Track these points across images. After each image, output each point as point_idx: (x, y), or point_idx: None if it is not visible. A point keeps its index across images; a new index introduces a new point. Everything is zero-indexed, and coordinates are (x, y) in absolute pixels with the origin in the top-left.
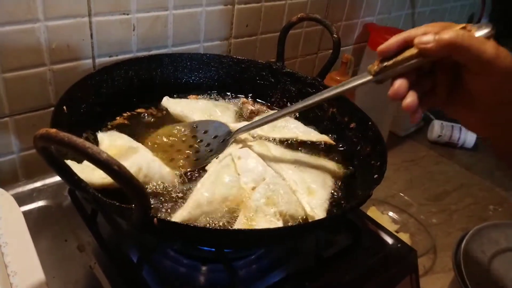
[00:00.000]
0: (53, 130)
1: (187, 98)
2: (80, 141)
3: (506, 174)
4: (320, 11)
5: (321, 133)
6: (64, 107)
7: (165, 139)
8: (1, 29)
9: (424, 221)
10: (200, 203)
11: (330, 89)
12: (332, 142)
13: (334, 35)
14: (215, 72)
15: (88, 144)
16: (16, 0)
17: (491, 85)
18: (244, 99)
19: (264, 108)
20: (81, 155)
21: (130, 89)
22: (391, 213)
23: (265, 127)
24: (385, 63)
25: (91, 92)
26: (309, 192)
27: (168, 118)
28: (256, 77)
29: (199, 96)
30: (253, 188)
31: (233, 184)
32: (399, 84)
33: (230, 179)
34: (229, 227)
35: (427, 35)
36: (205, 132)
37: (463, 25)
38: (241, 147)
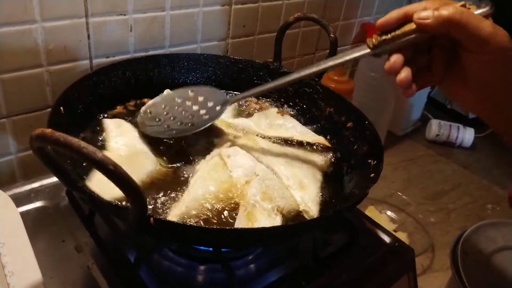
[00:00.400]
0: (49, 130)
1: None
2: (75, 141)
3: (504, 173)
4: (317, 11)
5: (318, 132)
6: (61, 108)
7: (162, 106)
8: None
9: (422, 220)
10: (196, 198)
11: (328, 59)
12: (328, 144)
13: (331, 35)
14: (212, 72)
15: (83, 144)
16: (13, 1)
17: (486, 63)
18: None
19: (267, 105)
20: (77, 155)
21: (128, 90)
22: (389, 212)
23: (262, 125)
24: (384, 37)
25: (88, 92)
26: (301, 187)
27: None
28: (254, 77)
29: None
30: (246, 182)
31: (225, 179)
32: (395, 59)
33: (221, 175)
34: (228, 226)
35: (426, 11)
36: (202, 98)
37: (462, 2)
38: (230, 146)
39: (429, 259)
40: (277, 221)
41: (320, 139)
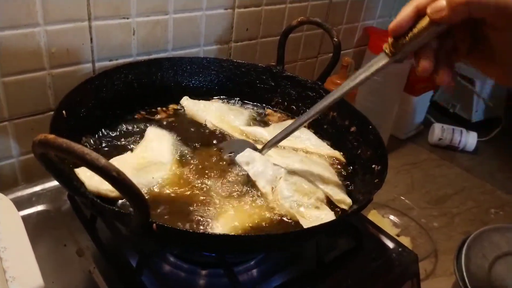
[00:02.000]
0: (52, 136)
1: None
2: (78, 147)
3: (507, 177)
4: (320, 14)
5: (321, 137)
6: (64, 112)
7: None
8: (1, 33)
9: (425, 224)
10: (229, 216)
11: (349, 81)
12: (343, 159)
13: (334, 39)
14: (215, 76)
15: (86, 150)
16: (16, 4)
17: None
18: (270, 111)
19: (285, 117)
20: (80, 161)
21: (130, 93)
22: (392, 217)
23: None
24: (401, 41)
25: (91, 96)
26: (323, 181)
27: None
28: (256, 81)
29: (215, 98)
30: (273, 189)
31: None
32: (423, 66)
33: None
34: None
35: (438, 1)
36: (231, 153)
37: None
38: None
39: (432, 264)
40: (327, 210)
41: (335, 154)
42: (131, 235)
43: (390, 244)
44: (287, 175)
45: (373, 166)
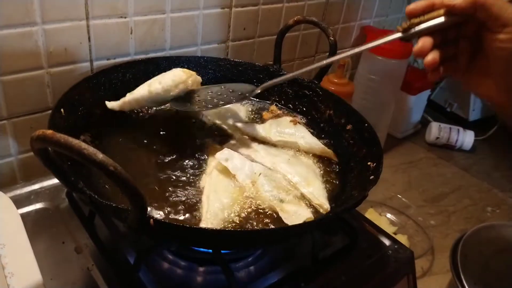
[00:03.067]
0: (50, 132)
1: None
2: (76, 142)
3: (504, 176)
4: (317, 14)
5: (318, 135)
6: (62, 110)
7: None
8: None
9: (422, 222)
10: (216, 213)
11: (362, 45)
12: (335, 158)
13: (331, 38)
14: (212, 75)
15: (84, 145)
16: (14, 3)
17: (508, 43)
18: (273, 106)
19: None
20: (77, 156)
21: (128, 92)
22: (389, 215)
23: (272, 132)
24: (413, 20)
25: (89, 95)
26: (307, 183)
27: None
28: (254, 80)
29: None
30: (253, 184)
31: (233, 189)
32: (424, 41)
33: (228, 184)
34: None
35: None
36: (232, 91)
37: None
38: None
39: (429, 262)
40: (304, 207)
41: (327, 152)
42: (129, 231)
43: (386, 242)
44: (268, 171)
45: (369, 163)
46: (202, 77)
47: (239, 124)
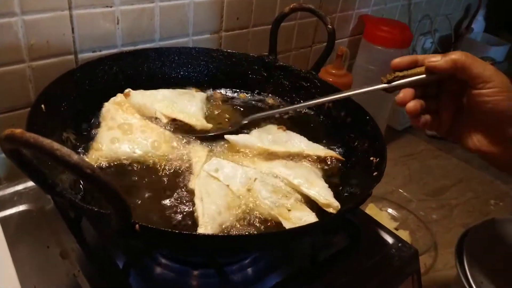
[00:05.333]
0: (19, 131)
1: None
2: (47, 142)
3: None
4: (314, 3)
5: (317, 131)
6: (42, 106)
7: None
8: None
9: (424, 217)
10: (213, 216)
11: (342, 92)
12: (340, 157)
13: (329, 26)
14: (204, 66)
15: (56, 145)
16: None
17: (493, 96)
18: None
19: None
20: (49, 157)
21: (115, 86)
22: (390, 210)
23: (265, 140)
24: (397, 73)
25: (73, 89)
26: (310, 184)
27: None
28: (248, 71)
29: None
30: (248, 190)
31: (226, 192)
32: (405, 92)
33: (220, 187)
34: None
35: (435, 56)
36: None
37: None
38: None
39: (432, 258)
40: (308, 211)
41: (331, 153)
42: (114, 236)
43: (389, 240)
44: (264, 176)
45: (371, 158)
46: (194, 69)
47: (229, 137)
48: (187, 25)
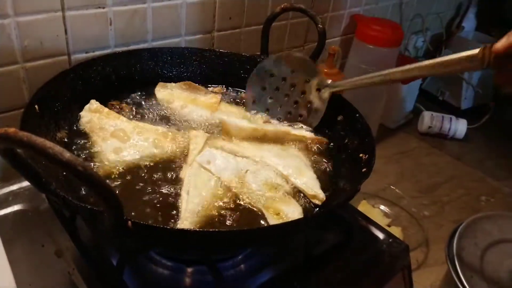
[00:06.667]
0: (12, 130)
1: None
2: (40, 140)
3: (497, 164)
4: (306, 2)
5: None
6: (36, 106)
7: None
8: None
9: (416, 214)
10: (194, 210)
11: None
12: (326, 140)
13: (319, 25)
14: (197, 66)
15: (49, 143)
16: None
17: None
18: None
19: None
20: (42, 155)
21: (108, 86)
22: (382, 207)
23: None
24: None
25: (66, 90)
26: (300, 174)
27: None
28: (240, 71)
29: None
30: (239, 181)
31: (215, 184)
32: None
33: (210, 179)
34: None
35: None
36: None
37: None
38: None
39: (424, 254)
40: (294, 205)
41: (318, 139)
42: (108, 234)
43: (380, 235)
44: (255, 167)
45: (361, 155)
46: (186, 68)
47: (223, 119)
48: (179, 25)
